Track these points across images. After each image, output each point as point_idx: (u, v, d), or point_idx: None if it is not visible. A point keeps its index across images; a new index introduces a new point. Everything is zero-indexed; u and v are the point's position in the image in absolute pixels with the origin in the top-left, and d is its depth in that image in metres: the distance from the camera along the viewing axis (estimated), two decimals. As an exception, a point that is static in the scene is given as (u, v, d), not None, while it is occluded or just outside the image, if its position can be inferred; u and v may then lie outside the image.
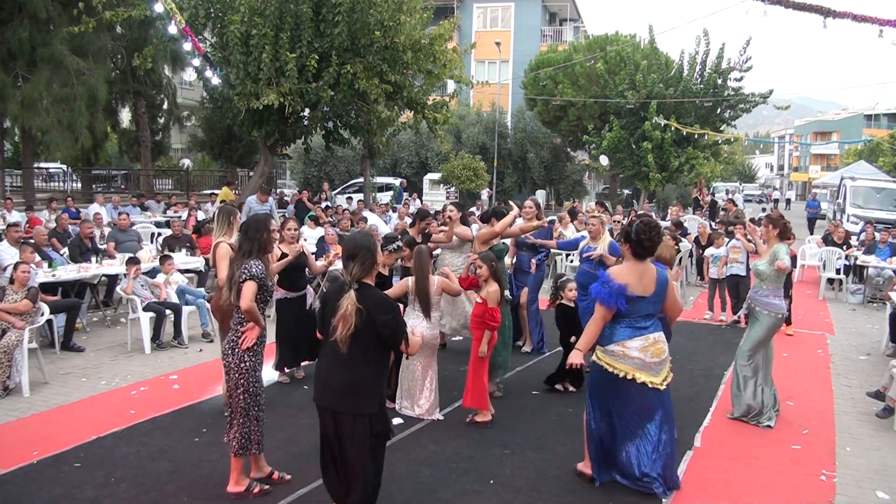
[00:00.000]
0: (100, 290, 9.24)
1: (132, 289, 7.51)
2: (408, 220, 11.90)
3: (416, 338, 3.58)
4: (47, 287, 7.54)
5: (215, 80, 12.89)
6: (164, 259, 8.38)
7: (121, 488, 4.17)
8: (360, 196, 18.96)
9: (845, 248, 12.56)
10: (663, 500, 4.13)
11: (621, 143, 22.85)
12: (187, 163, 31.51)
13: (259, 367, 4.11)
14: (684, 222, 13.55)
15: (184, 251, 9.73)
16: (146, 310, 7.41)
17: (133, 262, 7.90)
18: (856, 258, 12.02)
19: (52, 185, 22.99)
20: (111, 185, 26.31)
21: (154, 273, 8.37)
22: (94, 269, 8.50)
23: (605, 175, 30.77)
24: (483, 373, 5.29)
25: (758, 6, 8.79)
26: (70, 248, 9.16)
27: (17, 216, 12.31)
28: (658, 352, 4.11)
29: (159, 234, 12.34)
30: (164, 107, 24.84)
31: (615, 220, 10.52)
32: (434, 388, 5.46)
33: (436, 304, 5.36)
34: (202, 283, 9.43)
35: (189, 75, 27.49)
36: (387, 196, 22.89)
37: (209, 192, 20.87)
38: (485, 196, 24.38)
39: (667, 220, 13.22)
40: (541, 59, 27.90)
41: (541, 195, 26.90)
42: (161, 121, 25.34)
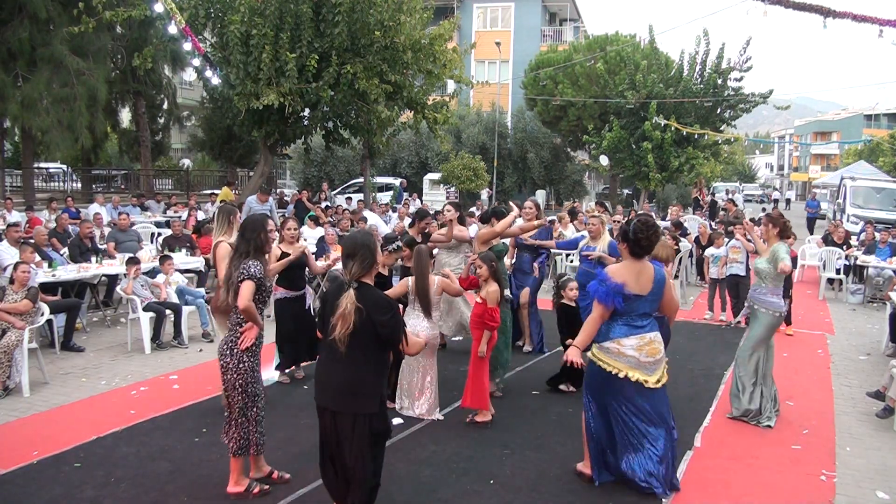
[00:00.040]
0: (100, 290, 9.24)
1: (132, 289, 7.51)
2: (407, 220, 11.90)
3: (419, 339, 3.57)
4: (47, 287, 7.54)
5: (215, 80, 12.90)
6: (164, 259, 8.37)
7: (121, 488, 4.17)
8: (360, 196, 18.96)
9: (845, 248, 12.56)
10: (663, 500, 4.13)
11: (621, 143, 22.85)
12: (187, 163, 31.50)
13: (257, 368, 4.10)
14: (684, 222, 13.54)
15: (184, 251, 9.74)
16: (146, 310, 7.41)
17: (133, 262, 7.91)
18: (856, 258, 12.01)
19: (52, 185, 22.98)
20: (111, 185, 26.30)
21: (154, 273, 8.37)
22: (94, 269, 8.50)
23: (605, 175, 30.78)
24: (483, 373, 5.29)
25: (758, 6, 8.82)
26: (70, 248, 9.16)
27: (17, 216, 12.30)
28: (653, 351, 4.11)
29: (159, 234, 12.34)
30: (164, 107, 24.84)
31: (615, 220, 10.52)
32: (434, 388, 5.46)
33: (436, 304, 5.37)
34: (202, 283, 9.43)
35: (189, 75, 27.50)
36: (387, 196, 22.89)
37: (209, 192, 20.86)
38: (485, 196, 24.38)
39: (667, 221, 13.23)
40: (541, 59, 27.91)
41: (541, 195, 26.93)
42: (161, 121, 25.34)
